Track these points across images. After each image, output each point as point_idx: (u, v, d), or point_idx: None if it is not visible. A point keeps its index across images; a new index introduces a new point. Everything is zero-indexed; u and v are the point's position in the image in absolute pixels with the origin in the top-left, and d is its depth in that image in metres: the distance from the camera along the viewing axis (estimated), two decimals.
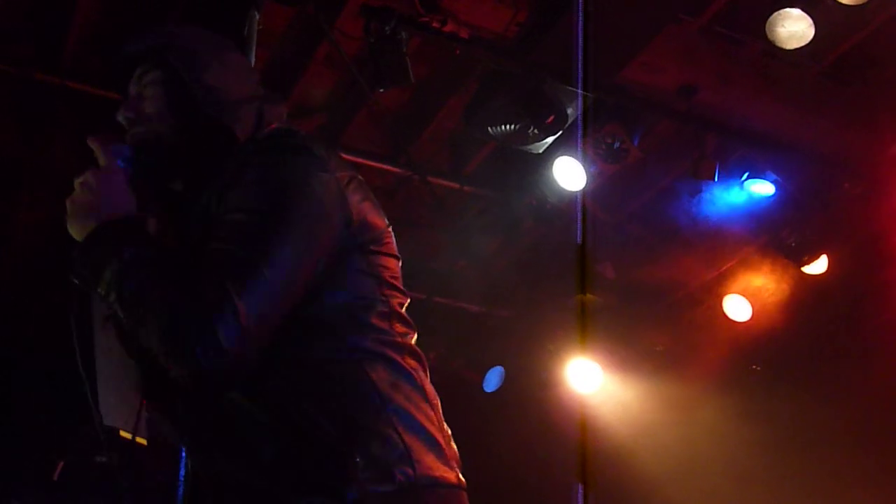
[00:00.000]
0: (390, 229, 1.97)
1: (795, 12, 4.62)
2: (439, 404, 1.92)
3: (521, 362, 6.87)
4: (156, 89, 1.99)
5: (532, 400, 6.77)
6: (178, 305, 1.67)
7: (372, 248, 1.88)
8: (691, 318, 6.73)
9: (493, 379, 6.94)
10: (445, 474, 1.82)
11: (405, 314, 1.93)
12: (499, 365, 6.93)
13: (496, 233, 6.25)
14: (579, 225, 2.71)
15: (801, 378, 6.29)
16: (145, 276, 1.72)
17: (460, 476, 1.88)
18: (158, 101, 1.98)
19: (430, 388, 1.90)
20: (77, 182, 1.87)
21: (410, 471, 1.75)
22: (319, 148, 1.88)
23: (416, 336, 1.95)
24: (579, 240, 2.59)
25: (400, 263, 1.98)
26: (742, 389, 6.58)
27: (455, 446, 1.92)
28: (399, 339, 1.87)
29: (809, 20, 4.61)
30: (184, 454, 1.39)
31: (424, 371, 1.92)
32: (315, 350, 1.78)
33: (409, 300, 1.96)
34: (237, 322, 1.63)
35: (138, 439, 5.00)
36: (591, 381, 6.37)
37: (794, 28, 4.64)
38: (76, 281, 1.83)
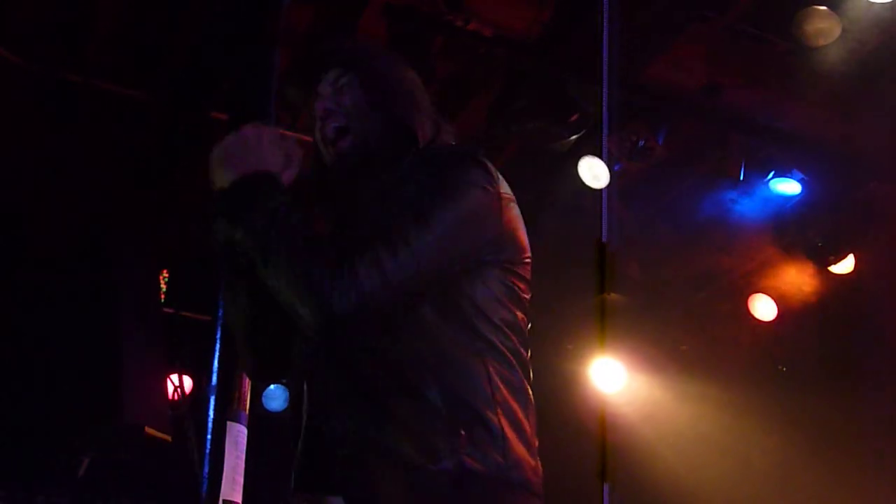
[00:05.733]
0: (529, 256, 2.19)
1: (822, 10, 4.59)
2: (535, 413, 2.09)
3: (542, 362, 6.84)
4: (353, 90, 2.20)
5: (554, 400, 6.75)
6: (316, 255, 1.88)
7: (510, 266, 2.10)
8: (716, 318, 6.69)
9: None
10: (531, 476, 1.97)
11: (524, 329, 2.13)
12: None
13: None
14: (604, 224, 2.69)
15: (827, 378, 6.24)
16: (288, 227, 1.90)
17: (539, 486, 2.02)
18: (358, 98, 2.19)
19: (531, 396, 2.08)
20: (233, 133, 2.04)
21: (502, 460, 1.91)
22: (491, 166, 2.13)
23: (528, 353, 2.14)
24: (604, 238, 2.58)
25: (529, 293, 2.19)
26: (767, 389, 6.54)
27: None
28: (516, 346, 2.07)
29: (836, 17, 4.58)
30: (208, 446, 1.39)
31: (528, 381, 2.11)
32: (447, 333, 1.96)
33: (529, 323, 2.16)
34: (380, 273, 1.86)
35: (162, 435, 5.03)
36: (615, 380, 6.35)
37: (820, 25, 4.61)
38: (214, 228, 1.98)
